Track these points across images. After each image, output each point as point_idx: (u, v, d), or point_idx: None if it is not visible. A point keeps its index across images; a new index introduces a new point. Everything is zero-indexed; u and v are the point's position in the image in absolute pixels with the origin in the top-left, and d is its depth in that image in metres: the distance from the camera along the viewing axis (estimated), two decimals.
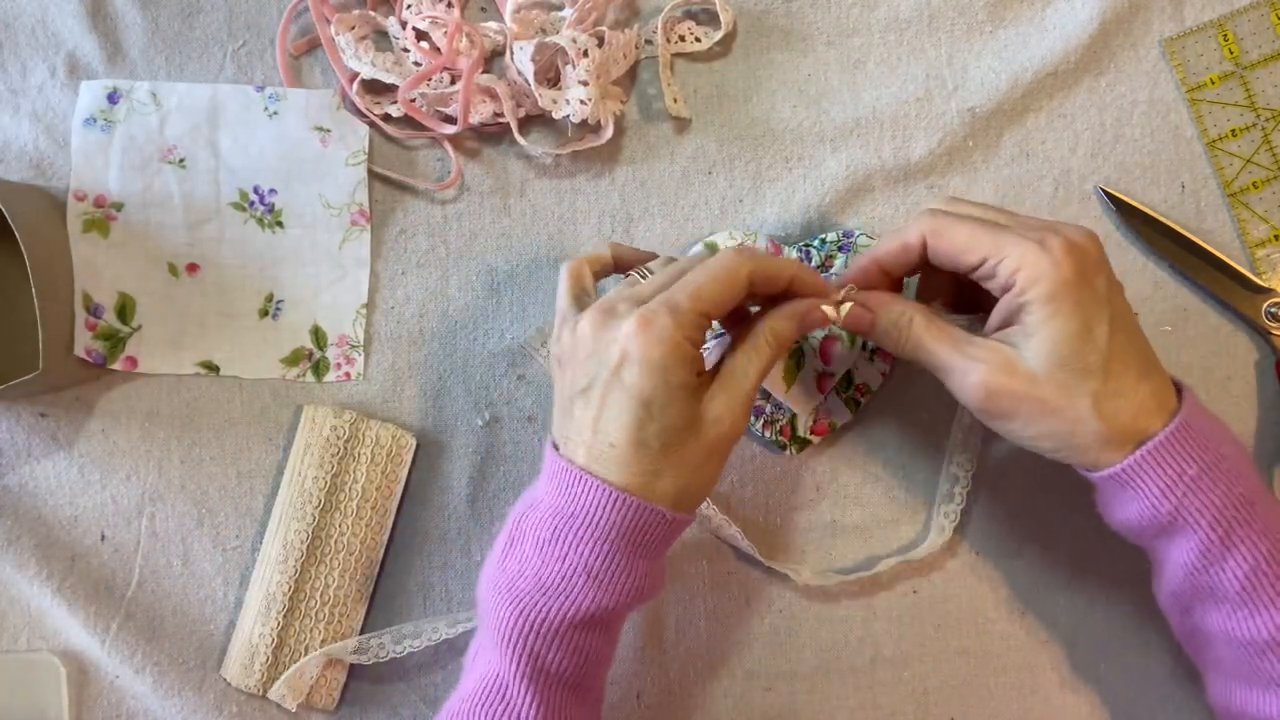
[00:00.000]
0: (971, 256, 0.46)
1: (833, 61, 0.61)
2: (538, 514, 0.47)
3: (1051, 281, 0.44)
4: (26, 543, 0.59)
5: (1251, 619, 0.45)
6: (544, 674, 0.45)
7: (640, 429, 0.44)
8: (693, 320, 0.44)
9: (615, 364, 0.44)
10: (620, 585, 0.45)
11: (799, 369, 0.57)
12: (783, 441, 0.59)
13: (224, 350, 0.60)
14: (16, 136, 0.60)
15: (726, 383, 0.46)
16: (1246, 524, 0.45)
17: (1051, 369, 0.44)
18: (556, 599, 0.45)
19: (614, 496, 0.44)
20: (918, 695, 0.60)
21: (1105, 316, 0.44)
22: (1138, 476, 0.45)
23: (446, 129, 0.60)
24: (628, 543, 0.45)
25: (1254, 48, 0.60)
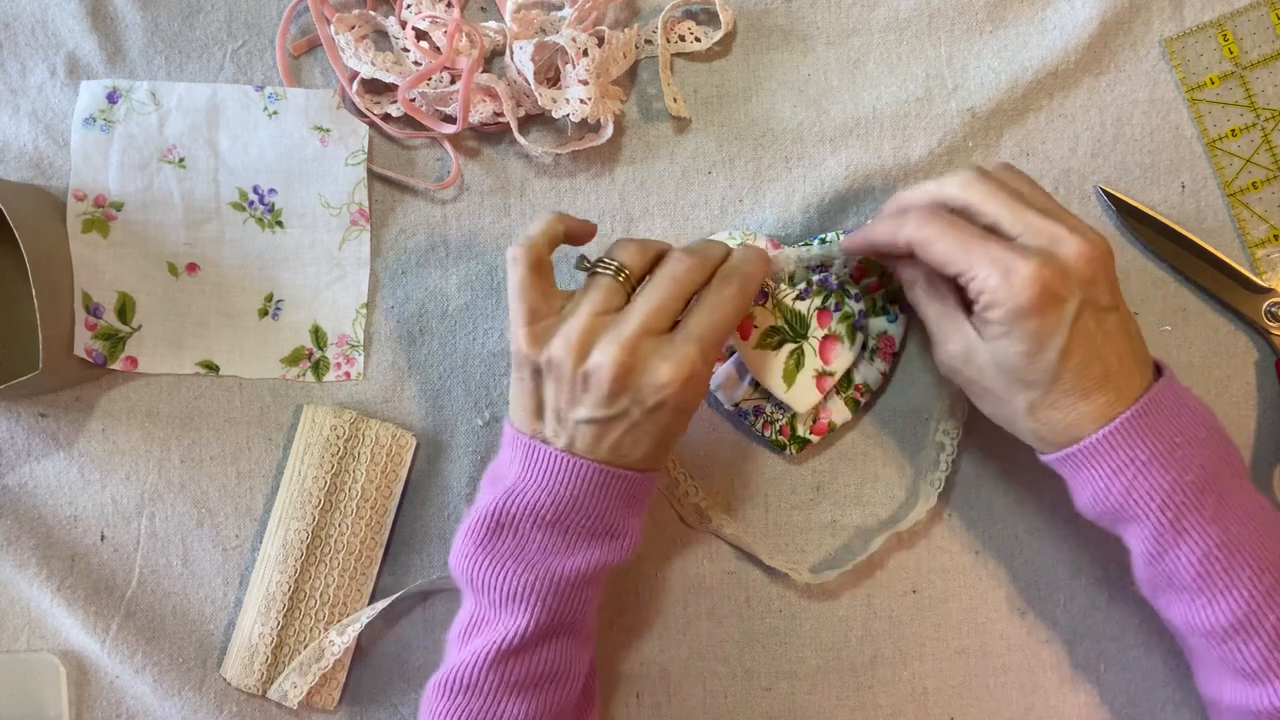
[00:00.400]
0: (949, 270, 0.48)
1: (833, 61, 0.61)
2: (527, 500, 0.49)
3: (1006, 310, 0.46)
4: (26, 543, 0.59)
5: (1209, 607, 0.46)
6: (557, 627, 0.49)
7: (659, 446, 0.49)
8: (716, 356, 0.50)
9: (652, 406, 0.47)
10: (622, 544, 0.50)
11: (799, 369, 0.57)
12: (782, 441, 0.59)
13: (224, 350, 0.60)
14: (16, 136, 0.60)
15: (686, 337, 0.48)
16: (1196, 510, 0.46)
17: (996, 372, 0.48)
18: (566, 558, 0.49)
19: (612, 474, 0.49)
20: (918, 695, 0.60)
21: (1059, 342, 0.46)
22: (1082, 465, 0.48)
23: (446, 129, 0.60)
24: (625, 507, 0.50)
25: (1254, 48, 0.60)
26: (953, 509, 0.60)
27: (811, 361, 0.57)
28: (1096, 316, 0.47)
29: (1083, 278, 0.46)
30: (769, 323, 0.56)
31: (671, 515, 0.60)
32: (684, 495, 0.59)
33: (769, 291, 0.56)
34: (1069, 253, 0.46)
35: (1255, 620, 0.45)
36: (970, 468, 0.60)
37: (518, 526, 0.49)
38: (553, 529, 0.49)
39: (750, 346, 0.56)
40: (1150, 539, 0.47)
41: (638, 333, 0.47)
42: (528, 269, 0.49)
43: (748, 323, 0.56)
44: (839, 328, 0.57)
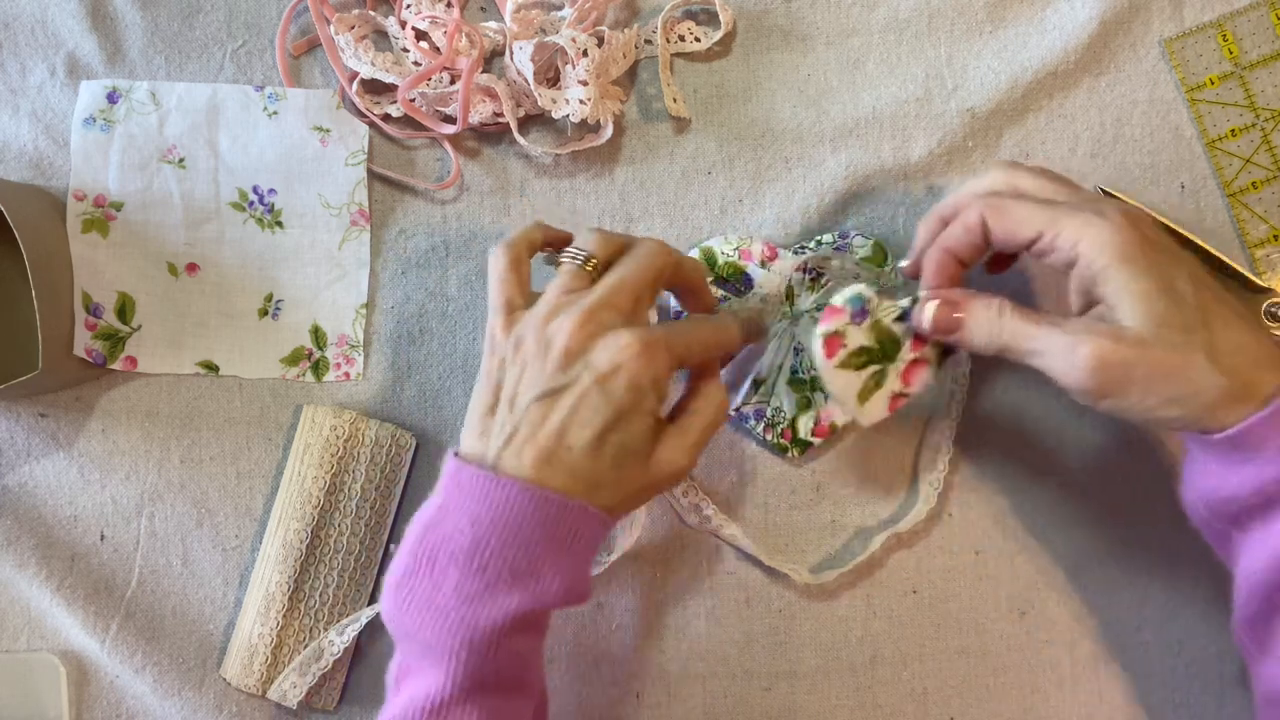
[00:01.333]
0: (1027, 230, 0.45)
1: (832, 61, 0.61)
2: (448, 526, 0.45)
3: (1117, 245, 0.43)
4: (26, 543, 0.59)
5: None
6: (480, 686, 0.44)
7: (603, 436, 0.45)
8: (678, 364, 0.47)
9: (605, 372, 0.45)
10: (546, 586, 0.45)
11: (877, 388, 0.52)
12: (784, 444, 0.59)
13: (224, 350, 0.60)
14: (16, 136, 0.60)
15: (684, 432, 0.48)
16: None
17: (1155, 329, 0.43)
18: (482, 607, 0.44)
19: (537, 496, 0.44)
20: (918, 695, 0.60)
21: (1183, 271, 0.43)
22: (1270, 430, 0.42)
23: (446, 129, 0.60)
24: (551, 543, 0.45)
25: (1253, 48, 0.60)
26: (953, 509, 0.60)
27: (892, 383, 0.52)
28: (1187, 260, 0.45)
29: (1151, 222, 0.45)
30: (860, 342, 0.51)
31: (671, 515, 0.60)
32: (684, 495, 0.59)
33: (869, 309, 0.51)
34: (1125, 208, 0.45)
35: None
36: (970, 468, 0.60)
37: (434, 561, 0.45)
38: (469, 565, 0.44)
39: (833, 365, 0.51)
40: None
41: (598, 304, 0.46)
42: (506, 265, 0.49)
43: (835, 340, 0.51)
44: (931, 352, 0.52)
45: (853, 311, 0.51)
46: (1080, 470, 0.51)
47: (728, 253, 0.58)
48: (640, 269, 0.48)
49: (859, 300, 0.51)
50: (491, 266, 0.50)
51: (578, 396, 0.45)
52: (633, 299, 0.47)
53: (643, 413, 0.46)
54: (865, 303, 0.51)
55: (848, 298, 0.51)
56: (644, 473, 0.47)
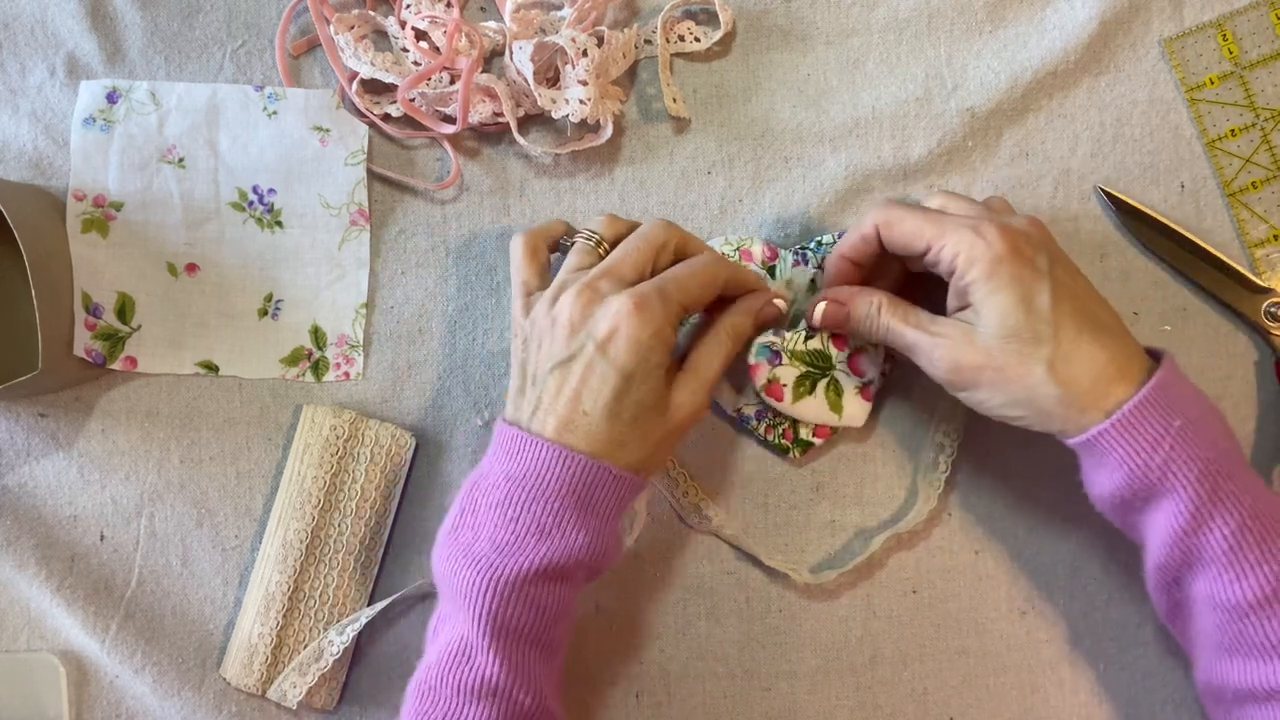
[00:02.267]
0: (918, 243, 0.50)
1: (832, 61, 0.61)
2: (488, 481, 0.49)
3: (987, 261, 0.47)
4: (26, 543, 0.59)
5: (1237, 582, 0.46)
6: (505, 631, 0.47)
7: (617, 400, 0.48)
8: (677, 310, 0.49)
9: (604, 338, 0.48)
10: (571, 541, 0.48)
11: (840, 395, 0.57)
12: (785, 445, 0.59)
13: (224, 350, 0.60)
14: (16, 136, 0.60)
15: (692, 372, 0.51)
16: (1231, 478, 0.46)
17: (1003, 339, 0.48)
18: (511, 556, 0.47)
19: (563, 455, 0.48)
20: (918, 695, 0.60)
21: (1045, 287, 0.47)
22: (1121, 437, 0.46)
23: (446, 129, 0.60)
24: (577, 500, 0.48)
25: (1253, 48, 0.60)
26: (953, 509, 0.60)
27: (849, 383, 0.57)
28: (1068, 271, 0.49)
29: (1039, 239, 0.49)
30: (794, 375, 0.56)
31: (671, 515, 0.60)
32: (684, 495, 0.59)
33: (779, 349, 0.56)
34: (1018, 223, 0.49)
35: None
36: (970, 468, 0.60)
37: (476, 511, 0.49)
38: (502, 517, 0.48)
39: (790, 404, 0.56)
40: (1185, 513, 0.46)
41: (597, 275, 0.50)
42: (523, 253, 0.54)
43: (776, 387, 0.56)
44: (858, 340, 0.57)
45: (768, 359, 0.56)
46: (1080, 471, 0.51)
47: (728, 253, 0.58)
48: (643, 242, 0.51)
49: (764, 350, 0.56)
50: (511, 254, 0.54)
51: (585, 365, 0.48)
52: (634, 269, 0.50)
53: (650, 367, 0.48)
54: (771, 346, 0.56)
55: (754, 352, 0.56)
56: (662, 422, 0.49)
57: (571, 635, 0.51)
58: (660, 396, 0.49)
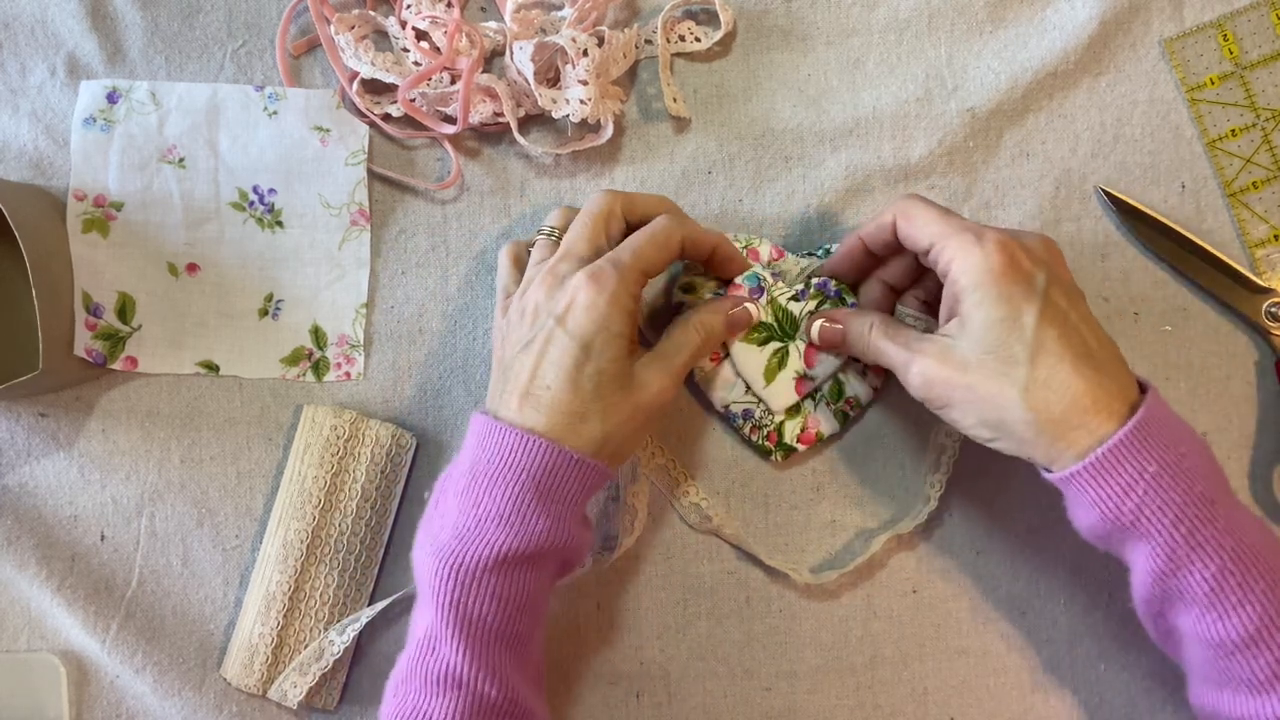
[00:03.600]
0: (923, 240, 0.50)
1: (832, 61, 0.61)
2: (457, 470, 0.50)
3: (979, 271, 0.47)
4: (26, 543, 0.59)
5: (1220, 621, 0.45)
6: (467, 620, 0.47)
7: (577, 369, 0.48)
8: (634, 277, 0.49)
9: (562, 312, 0.49)
10: (533, 528, 0.47)
11: (780, 368, 0.57)
12: (768, 447, 0.59)
13: (224, 350, 0.60)
14: (16, 136, 0.60)
15: (660, 354, 0.52)
16: (1209, 523, 0.45)
17: (979, 355, 0.47)
18: (472, 544, 0.47)
19: (523, 439, 0.47)
20: (918, 695, 0.60)
21: (1034, 307, 0.46)
22: (1094, 480, 0.46)
23: (446, 129, 0.60)
24: (537, 485, 0.47)
25: (1254, 48, 0.60)
26: (953, 509, 0.60)
27: (794, 363, 0.57)
28: (1066, 295, 0.48)
29: (1043, 257, 0.48)
30: (759, 318, 0.56)
31: (671, 515, 0.60)
32: (684, 495, 0.60)
33: (765, 287, 0.56)
34: (1029, 239, 0.49)
35: (1267, 634, 0.44)
36: (970, 468, 0.60)
37: (440, 501, 0.50)
38: (465, 503, 0.48)
39: (738, 340, 0.56)
40: (1162, 556, 0.45)
41: (557, 259, 0.51)
42: (507, 262, 0.56)
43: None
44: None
45: (750, 289, 0.56)
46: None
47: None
48: (587, 216, 0.52)
49: (755, 278, 0.56)
50: (498, 266, 0.56)
51: (545, 338, 0.49)
52: (589, 246, 0.51)
53: (610, 335, 0.48)
54: (761, 280, 0.56)
55: (745, 276, 0.56)
56: (628, 397, 0.49)
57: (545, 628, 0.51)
58: (622, 369, 0.49)
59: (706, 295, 0.56)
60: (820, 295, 0.56)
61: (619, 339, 0.49)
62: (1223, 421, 0.60)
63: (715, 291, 0.56)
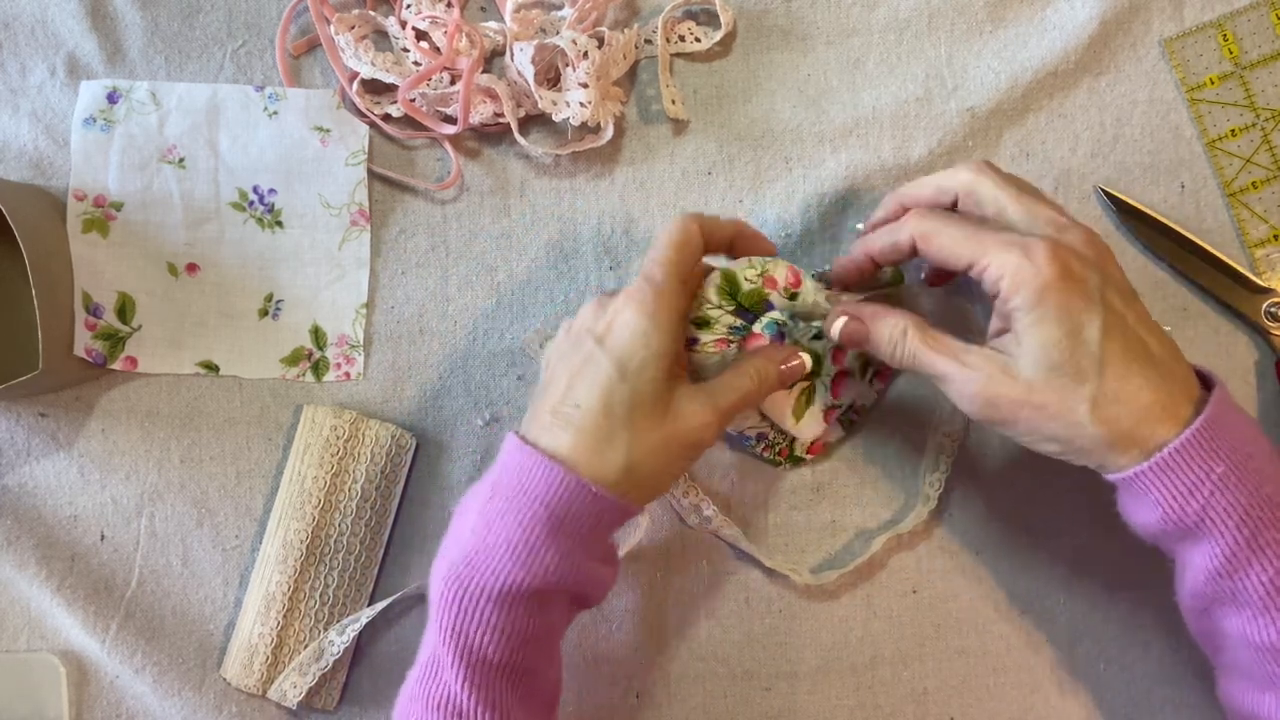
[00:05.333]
0: (959, 262, 0.46)
1: (832, 61, 0.61)
2: (479, 488, 0.48)
3: (1034, 288, 0.44)
4: (26, 543, 0.59)
5: (1272, 625, 0.44)
6: (470, 651, 0.45)
7: (610, 390, 0.46)
8: (672, 286, 0.48)
9: (602, 331, 0.48)
10: (541, 562, 0.45)
11: (809, 405, 0.56)
12: (779, 460, 0.59)
13: (224, 350, 0.60)
14: (16, 136, 0.60)
15: (708, 390, 0.49)
16: (1274, 526, 0.44)
17: (1045, 374, 0.44)
18: (478, 571, 0.45)
19: (542, 464, 0.45)
20: (918, 695, 0.60)
21: (1097, 318, 0.44)
22: (1158, 480, 0.44)
23: (446, 129, 0.60)
24: (550, 516, 0.45)
25: (1254, 48, 0.60)
26: (953, 509, 0.60)
27: (821, 397, 0.56)
28: (1122, 296, 0.45)
29: (1094, 259, 0.45)
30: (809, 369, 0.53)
31: (672, 515, 0.60)
32: (684, 495, 0.59)
33: (786, 332, 0.54)
34: (1075, 238, 0.45)
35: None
36: (970, 468, 0.60)
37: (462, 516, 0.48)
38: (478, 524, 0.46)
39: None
40: (1222, 556, 0.44)
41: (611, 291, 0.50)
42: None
43: None
44: (853, 363, 0.56)
45: (771, 336, 0.53)
46: (1080, 470, 0.51)
47: (751, 279, 0.52)
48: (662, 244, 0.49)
49: (774, 325, 0.54)
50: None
51: (582, 358, 0.47)
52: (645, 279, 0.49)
53: (650, 355, 0.46)
54: (781, 326, 0.54)
55: (764, 324, 0.53)
56: (660, 425, 0.47)
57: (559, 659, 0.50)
58: (658, 393, 0.47)
59: (721, 331, 0.52)
60: None
61: (659, 359, 0.46)
62: None
63: (731, 326, 0.52)
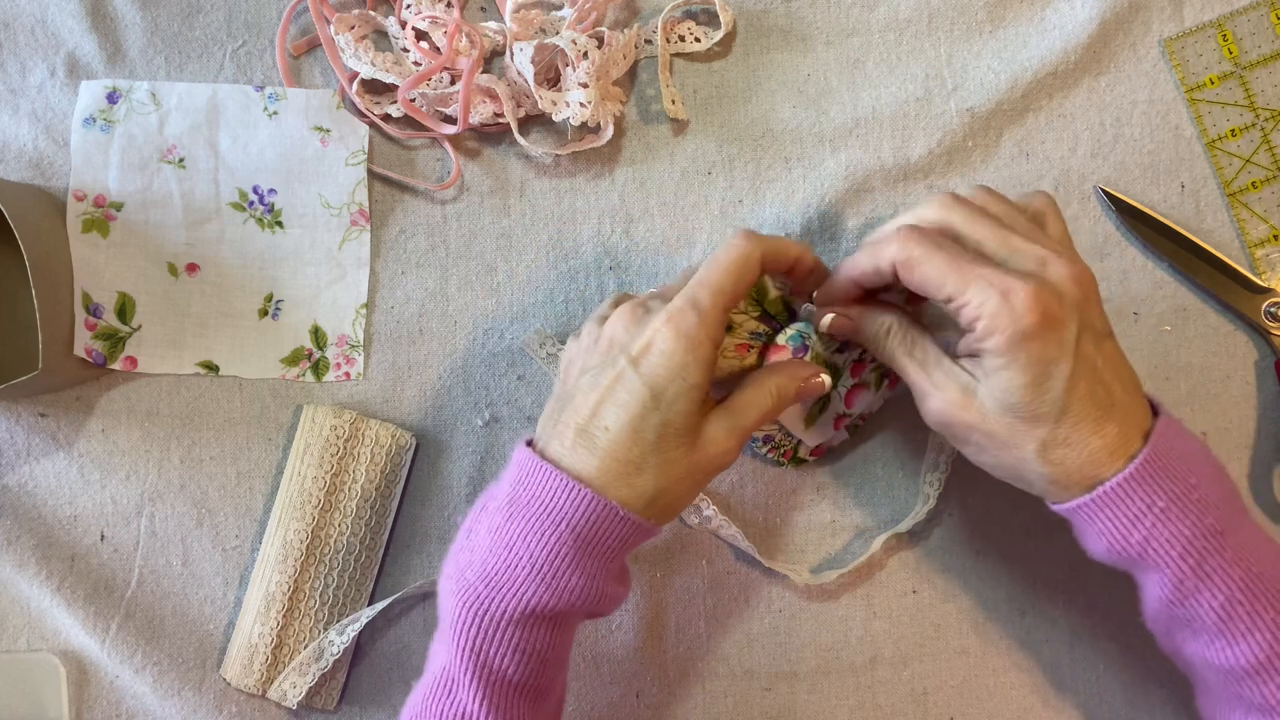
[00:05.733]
0: (939, 292, 0.44)
1: (832, 61, 0.61)
2: (495, 504, 0.47)
3: (1007, 336, 0.43)
4: (26, 543, 0.59)
5: (1229, 648, 0.44)
6: (489, 670, 0.45)
7: (643, 417, 0.44)
8: (716, 317, 0.45)
9: (638, 353, 0.45)
10: (565, 584, 0.45)
11: (821, 413, 0.56)
12: (782, 462, 0.59)
13: (224, 350, 0.60)
14: (16, 136, 0.60)
15: (729, 411, 0.47)
16: (1217, 553, 0.44)
17: (1001, 411, 0.44)
18: (499, 592, 0.45)
19: (570, 486, 0.44)
20: (918, 695, 0.60)
21: (1065, 369, 0.43)
22: (1099, 513, 0.45)
23: (446, 129, 0.60)
24: (577, 538, 0.44)
25: (1253, 48, 0.60)
26: (953, 509, 0.60)
27: (835, 406, 0.56)
28: (1095, 341, 0.44)
29: (1076, 300, 0.43)
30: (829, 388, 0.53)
31: None
32: None
33: (809, 345, 0.53)
34: (1059, 275, 0.44)
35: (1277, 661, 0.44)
36: (970, 468, 0.60)
37: (477, 532, 0.47)
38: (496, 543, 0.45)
39: None
40: (1170, 586, 0.45)
41: (645, 298, 0.48)
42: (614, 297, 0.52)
43: None
44: (870, 376, 0.56)
45: (794, 348, 0.52)
46: None
47: (779, 286, 0.53)
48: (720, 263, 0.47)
49: (799, 337, 0.52)
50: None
51: (614, 376, 0.45)
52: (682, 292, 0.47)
53: (685, 387, 0.45)
54: (805, 339, 0.52)
55: (789, 336, 0.52)
56: (689, 454, 0.46)
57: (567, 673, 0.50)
58: (690, 424, 0.45)
59: (743, 336, 0.52)
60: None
61: (694, 390, 0.45)
62: (1222, 421, 0.60)
63: (753, 332, 0.52)
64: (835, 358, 0.54)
